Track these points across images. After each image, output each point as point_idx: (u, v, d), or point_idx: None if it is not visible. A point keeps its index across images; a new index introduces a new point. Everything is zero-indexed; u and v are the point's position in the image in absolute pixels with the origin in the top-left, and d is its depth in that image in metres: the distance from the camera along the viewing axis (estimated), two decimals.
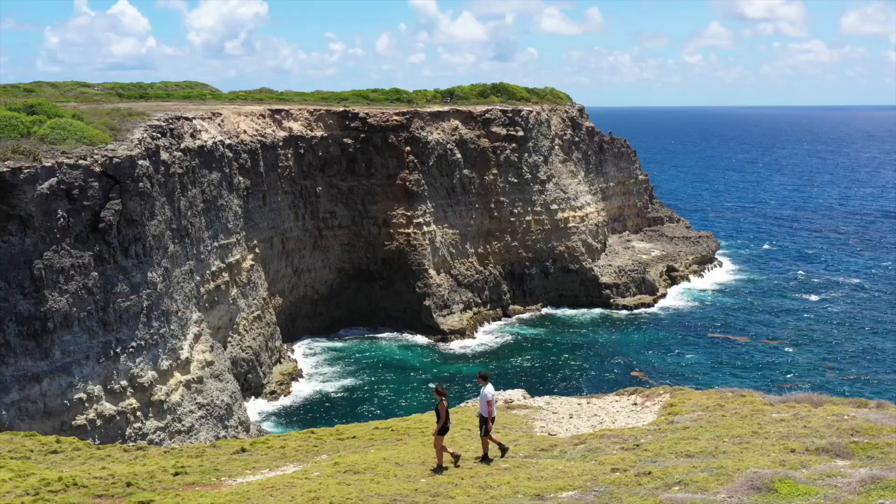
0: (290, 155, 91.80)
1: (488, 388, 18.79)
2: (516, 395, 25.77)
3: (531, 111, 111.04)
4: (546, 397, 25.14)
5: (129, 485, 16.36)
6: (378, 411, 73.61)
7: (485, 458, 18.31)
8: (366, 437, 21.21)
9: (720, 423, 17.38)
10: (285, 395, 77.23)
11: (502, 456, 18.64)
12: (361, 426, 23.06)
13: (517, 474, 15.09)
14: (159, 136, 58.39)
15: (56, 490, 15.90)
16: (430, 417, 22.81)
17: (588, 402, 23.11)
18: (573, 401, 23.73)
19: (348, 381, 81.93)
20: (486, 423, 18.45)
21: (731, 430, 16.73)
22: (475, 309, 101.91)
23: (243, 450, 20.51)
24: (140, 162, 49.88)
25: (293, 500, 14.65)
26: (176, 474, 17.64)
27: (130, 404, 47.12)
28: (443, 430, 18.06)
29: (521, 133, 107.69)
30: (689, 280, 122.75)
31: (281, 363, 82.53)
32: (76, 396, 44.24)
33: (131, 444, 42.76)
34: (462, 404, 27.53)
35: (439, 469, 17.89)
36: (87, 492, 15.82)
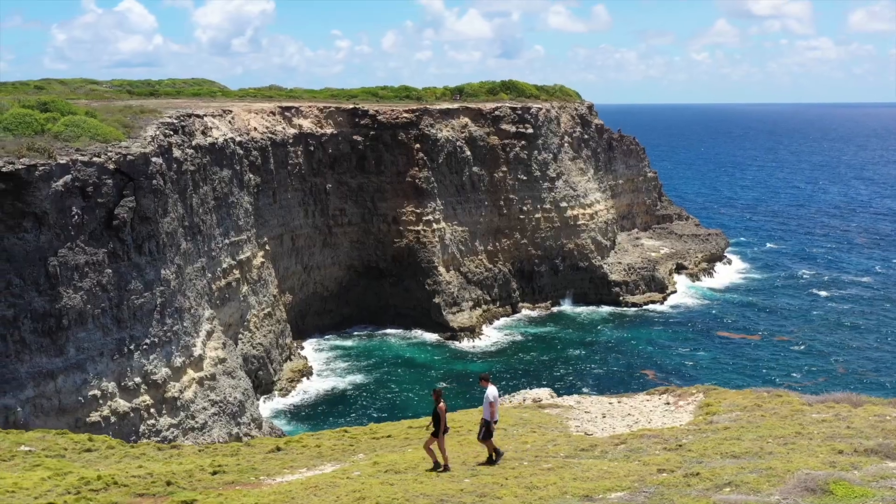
0: (299, 152, 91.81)
1: (491, 390, 18.58)
2: (543, 393, 25.67)
3: (541, 108, 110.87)
4: (575, 396, 25.03)
5: (168, 483, 16.33)
6: (390, 409, 73.68)
7: (492, 459, 18.11)
8: (400, 436, 21.14)
9: (762, 424, 17.29)
10: (296, 393, 77.30)
11: (495, 460, 18.33)
12: (394, 425, 22.99)
13: (562, 474, 14.99)
14: (171, 133, 58.42)
15: (97, 489, 15.87)
16: (461, 416, 22.79)
17: (619, 402, 23.01)
18: (604, 400, 23.61)
19: (358, 379, 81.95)
20: (487, 425, 18.24)
21: (774, 430, 16.62)
22: (484, 306, 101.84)
23: (278, 448, 20.47)
24: (154, 159, 49.92)
25: (338, 499, 14.58)
26: (214, 473, 17.60)
27: (144, 401, 47.19)
28: (440, 431, 18.09)
29: (530, 130, 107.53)
30: (698, 278, 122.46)
31: (291, 360, 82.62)
32: (90, 393, 44.31)
33: (144, 440, 42.88)
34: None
35: (437, 466, 17.98)
36: (127, 490, 15.79)
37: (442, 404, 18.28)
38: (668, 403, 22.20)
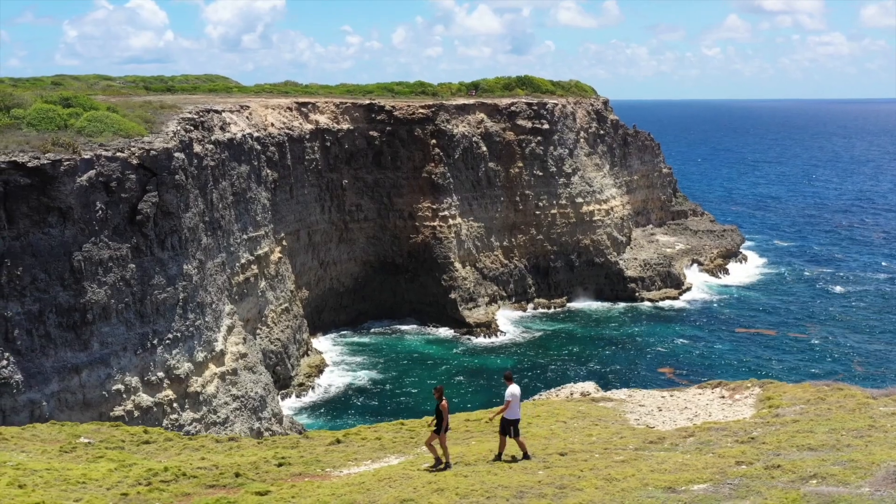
0: (316, 148, 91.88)
1: (513, 388, 18.45)
2: (589, 387, 25.61)
3: (556, 104, 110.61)
4: (624, 390, 24.94)
5: (237, 475, 16.30)
6: (407, 404, 73.74)
7: (500, 457, 17.95)
8: (460, 428, 21.05)
9: (831, 417, 17.16)
10: (313, 388, 77.41)
11: (497, 458, 18.19)
12: (451, 417, 22.94)
13: (638, 466, 14.91)
14: (192, 128, 58.52)
15: (167, 480, 15.88)
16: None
17: (672, 395, 22.88)
18: (655, 394, 23.50)
19: (375, 374, 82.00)
20: (512, 424, 18.08)
21: (845, 423, 16.51)
22: (500, 302, 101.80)
23: (338, 441, 20.42)
24: (176, 154, 50.00)
25: (415, 490, 14.54)
26: (280, 465, 17.58)
27: (167, 396, 47.30)
28: (442, 429, 18.01)
29: (546, 126, 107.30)
30: (714, 274, 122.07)
31: (308, 356, 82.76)
32: (114, 388, 44.45)
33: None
34: (539, 395, 27.31)
35: (438, 463, 17.84)
36: (197, 482, 15.80)
37: (444, 402, 18.20)
38: (722, 397, 22.07)
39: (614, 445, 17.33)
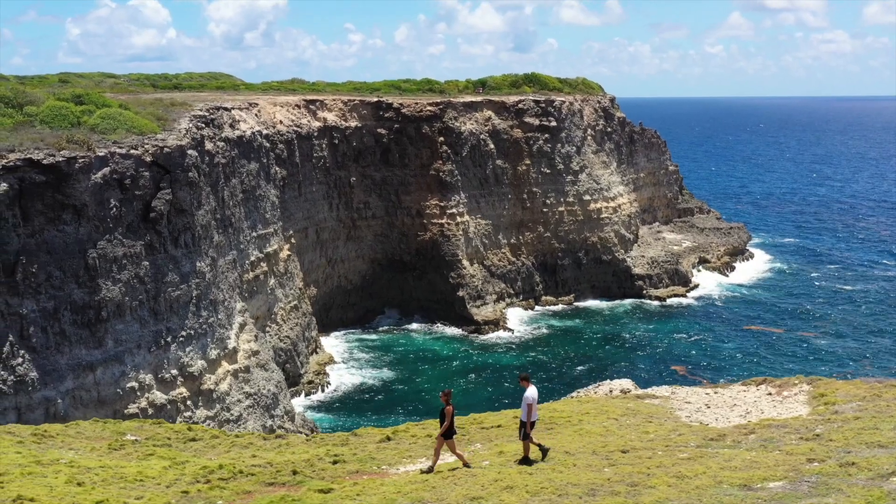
0: (324, 145, 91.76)
1: (531, 391, 18.26)
2: (627, 384, 25.44)
3: (564, 101, 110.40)
4: (665, 387, 24.77)
5: (294, 473, 16.17)
6: (419, 402, 73.72)
7: (525, 460, 17.82)
8: (510, 425, 20.85)
9: (893, 414, 17.02)
10: (322, 386, 77.32)
11: (543, 458, 18.02)
12: (497, 415, 22.69)
13: (706, 464, 14.76)
14: (203, 126, 58.43)
15: (225, 477, 15.74)
16: (563, 406, 22.53)
17: (716, 392, 22.73)
18: (699, 391, 23.34)
19: (384, 372, 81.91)
20: (524, 426, 17.91)
21: None
22: (508, 300, 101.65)
23: (388, 438, 20.28)
24: (189, 152, 49.97)
25: (483, 488, 14.38)
26: (335, 463, 17.40)
27: (181, 393, 47.30)
28: (448, 433, 17.88)
29: (553, 123, 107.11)
30: (721, 271, 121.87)
31: (317, 353, 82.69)
32: (128, 385, 44.46)
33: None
34: (575, 393, 27.17)
35: (430, 470, 17.64)
36: (255, 479, 15.67)
37: (450, 406, 18.03)
38: (769, 394, 21.88)
39: (675, 443, 17.12)
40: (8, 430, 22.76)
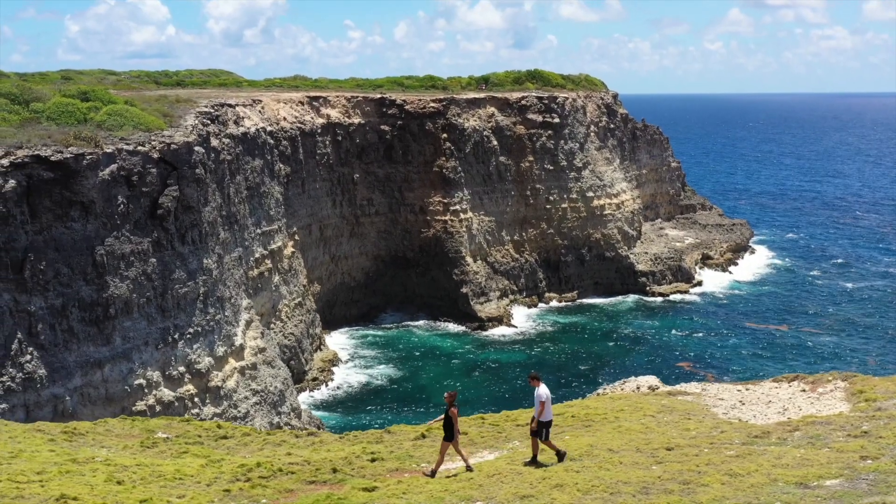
0: (328, 142, 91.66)
1: (542, 390, 18.01)
2: (652, 380, 25.35)
3: (567, 98, 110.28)
4: (694, 383, 24.64)
5: (334, 471, 16.08)
6: (423, 399, 73.68)
7: (534, 461, 17.71)
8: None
9: None
10: (326, 383, 77.30)
11: (533, 462, 17.76)
12: (531, 411, 22.58)
13: (757, 461, 14.65)
14: (209, 122, 58.34)
15: (265, 476, 15.66)
16: (596, 403, 22.39)
17: (748, 389, 22.62)
18: (730, 387, 23.25)
19: (388, 369, 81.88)
20: (545, 426, 17.69)
21: None
22: (511, 296, 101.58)
23: (423, 436, 20.18)
24: (196, 148, 49.86)
25: (532, 486, 14.29)
26: (372, 460, 17.32)
27: (188, 390, 47.22)
28: (450, 436, 17.74)
29: (556, 120, 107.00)
30: (724, 268, 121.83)
31: (321, 350, 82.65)
32: (136, 382, 44.35)
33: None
34: (602, 389, 27.08)
35: (432, 474, 17.50)
36: (296, 478, 15.59)
37: (454, 409, 17.84)
38: (803, 390, 21.79)
39: (719, 440, 16.95)
40: (38, 427, 22.70)
